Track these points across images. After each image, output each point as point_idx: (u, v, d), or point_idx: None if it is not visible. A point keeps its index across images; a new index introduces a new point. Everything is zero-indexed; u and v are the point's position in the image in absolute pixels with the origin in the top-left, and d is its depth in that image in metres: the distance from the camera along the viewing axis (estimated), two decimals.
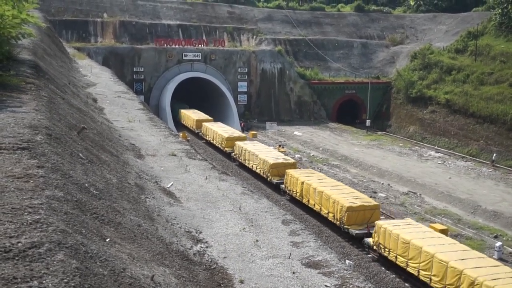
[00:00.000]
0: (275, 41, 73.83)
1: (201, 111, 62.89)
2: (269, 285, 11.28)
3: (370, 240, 27.59)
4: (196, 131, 57.00)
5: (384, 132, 66.27)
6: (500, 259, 28.25)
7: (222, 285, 10.87)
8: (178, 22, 73.22)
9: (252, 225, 14.54)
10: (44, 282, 4.97)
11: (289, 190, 35.79)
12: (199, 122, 56.97)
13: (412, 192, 40.81)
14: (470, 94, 58.80)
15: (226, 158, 48.38)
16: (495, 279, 19.99)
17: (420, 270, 23.46)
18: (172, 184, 16.58)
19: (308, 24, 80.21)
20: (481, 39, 65.58)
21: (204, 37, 71.95)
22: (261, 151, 42.01)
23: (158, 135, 23.98)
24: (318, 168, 45.32)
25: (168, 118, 59.58)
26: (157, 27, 71.23)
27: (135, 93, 42.16)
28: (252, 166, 41.70)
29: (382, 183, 43.06)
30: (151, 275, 7.42)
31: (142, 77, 64.76)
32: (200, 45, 68.30)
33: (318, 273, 12.23)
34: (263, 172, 39.56)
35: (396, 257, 25.26)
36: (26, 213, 6.34)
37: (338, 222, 29.84)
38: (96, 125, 17.31)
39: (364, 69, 74.77)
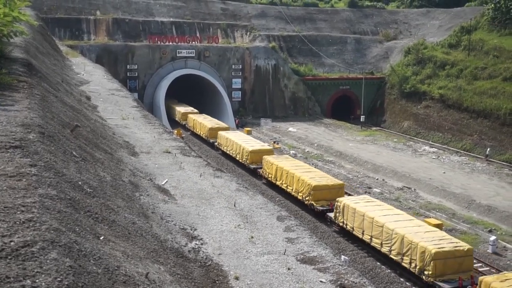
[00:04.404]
0: (269, 38, 73.78)
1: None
2: (264, 281, 11.28)
3: None
4: (211, 141, 50.91)
5: (378, 128, 66.40)
6: (494, 253, 28.45)
7: (217, 281, 10.86)
8: (171, 19, 73.03)
9: (247, 222, 14.53)
10: (37, 281, 4.94)
11: (341, 222, 29.48)
12: (213, 131, 50.87)
13: (407, 187, 40.92)
14: (463, 89, 59.01)
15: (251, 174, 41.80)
16: None
17: None
18: (166, 181, 16.55)
19: (302, 20, 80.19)
20: (474, 34, 65.78)
21: (197, 34, 71.82)
22: (297, 169, 35.32)
23: (152, 132, 23.90)
24: (313, 164, 45.34)
25: (162, 115, 59.49)
26: (151, 24, 71.02)
27: (129, 91, 41.99)
28: (287, 187, 35.48)
29: (377, 179, 43.16)
30: (145, 272, 7.40)
31: (136, 75, 64.56)
32: (193, 42, 68.12)
33: (313, 268, 12.24)
34: (302, 196, 33.41)
35: None
36: (18, 212, 6.31)
37: (419, 272, 23.45)
38: (89, 123, 17.25)
39: (358, 65, 74.87)
